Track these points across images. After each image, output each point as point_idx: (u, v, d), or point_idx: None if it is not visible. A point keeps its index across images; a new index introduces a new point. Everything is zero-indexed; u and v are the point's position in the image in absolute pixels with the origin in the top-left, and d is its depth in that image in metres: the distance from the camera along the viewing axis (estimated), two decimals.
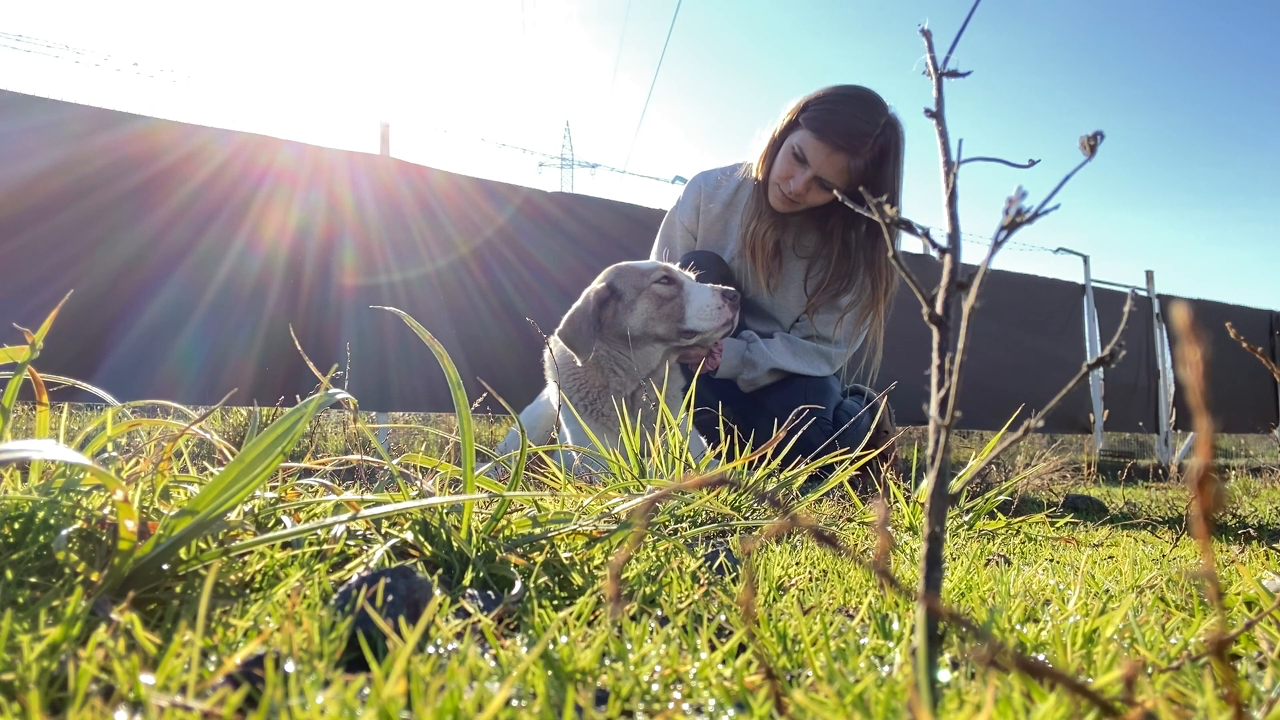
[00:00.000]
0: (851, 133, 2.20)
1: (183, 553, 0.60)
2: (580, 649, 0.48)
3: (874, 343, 2.59)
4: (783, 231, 2.50)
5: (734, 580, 0.77)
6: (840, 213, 2.41)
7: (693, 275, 2.16)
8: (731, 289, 2.08)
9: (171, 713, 0.38)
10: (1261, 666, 0.56)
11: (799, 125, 2.29)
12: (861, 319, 2.51)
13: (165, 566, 0.58)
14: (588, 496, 0.97)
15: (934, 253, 0.43)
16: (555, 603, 0.64)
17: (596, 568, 0.76)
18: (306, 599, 0.57)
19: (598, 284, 2.13)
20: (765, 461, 1.32)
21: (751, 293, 2.57)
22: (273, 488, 0.82)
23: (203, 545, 0.63)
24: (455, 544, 0.71)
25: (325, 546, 0.70)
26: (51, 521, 0.61)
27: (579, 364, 2.07)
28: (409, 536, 0.73)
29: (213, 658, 0.47)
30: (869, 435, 2.09)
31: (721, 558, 0.81)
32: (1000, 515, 1.38)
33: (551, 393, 2.25)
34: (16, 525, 0.61)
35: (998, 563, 0.99)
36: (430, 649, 0.50)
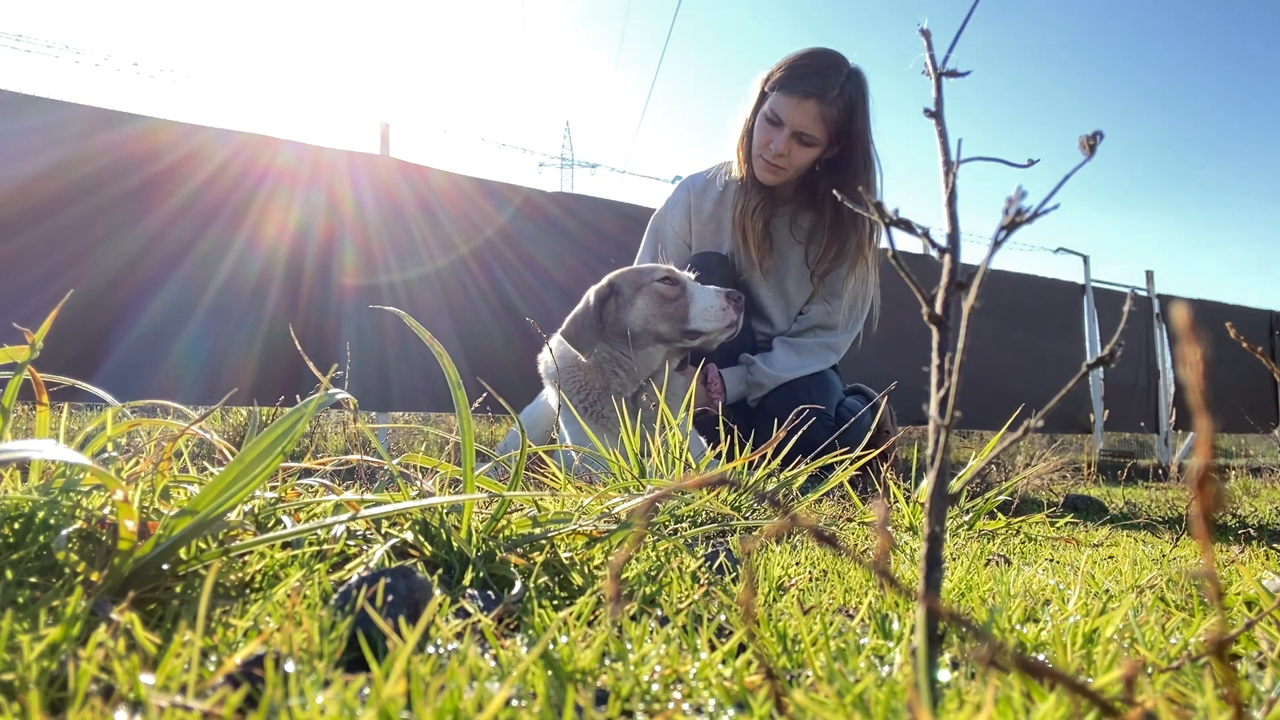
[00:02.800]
0: (816, 78, 2.27)
1: (183, 553, 0.60)
2: (580, 649, 0.48)
3: (870, 300, 2.59)
4: (773, 211, 2.51)
5: (734, 580, 0.77)
6: (827, 178, 2.41)
7: (691, 276, 2.16)
8: (736, 291, 2.09)
9: (171, 713, 0.38)
10: (1261, 666, 0.56)
11: (767, 95, 2.35)
12: (852, 272, 2.50)
13: (165, 566, 0.58)
14: (588, 496, 0.97)
15: (934, 253, 0.43)
16: (555, 603, 0.64)
17: (596, 568, 0.76)
18: (306, 599, 0.57)
19: (600, 283, 2.14)
20: (765, 461, 1.32)
21: (745, 274, 2.57)
22: (273, 488, 0.82)
23: (203, 545, 0.63)
24: (455, 544, 0.71)
25: (325, 546, 0.70)
26: (51, 521, 0.61)
27: (583, 361, 2.07)
28: (409, 536, 0.73)
29: (213, 658, 0.47)
30: (870, 435, 2.09)
31: (721, 558, 0.81)
32: (1000, 515, 1.38)
33: (550, 393, 2.25)
34: (16, 525, 0.61)
35: (998, 563, 0.99)
36: (430, 649, 0.50)
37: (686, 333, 2.07)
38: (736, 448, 1.40)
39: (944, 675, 0.47)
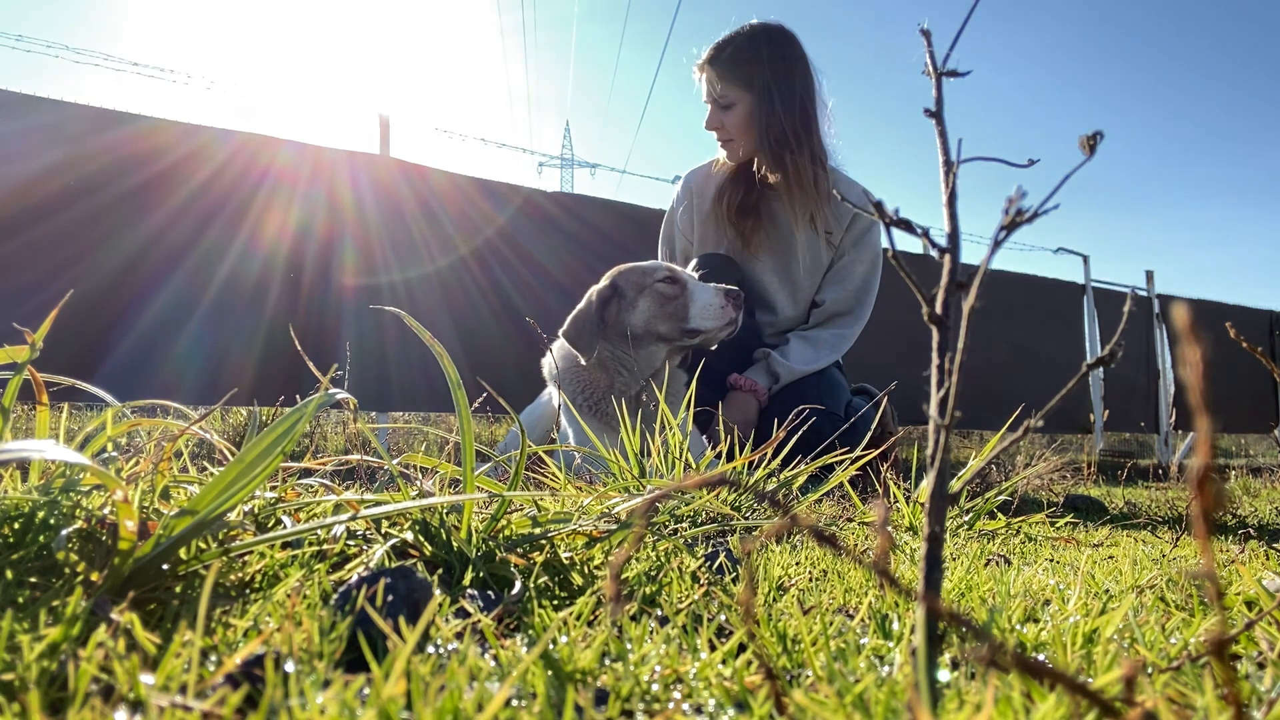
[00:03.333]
0: (708, 50, 2.45)
1: (183, 553, 0.60)
2: (580, 649, 0.48)
3: (879, 271, 2.62)
4: (761, 192, 2.53)
5: (734, 580, 0.76)
6: (783, 149, 2.45)
7: (695, 275, 2.17)
8: (735, 289, 2.09)
9: (171, 713, 0.38)
10: (1261, 666, 0.56)
11: None
12: (862, 241, 2.54)
13: (165, 566, 0.58)
14: (588, 496, 0.97)
15: (934, 253, 0.43)
16: (555, 603, 0.64)
17: (596, 568, 0.76)
18: (306, 599, 0.57)
19: (601, 283, 2.13)
20: (765, 461, 1.32)
21: (744, 262, 2.58)
22: (273, 488, 0.82)
23: (203, 545, 0.63)
24: (455, 544, 0.71)
25: (325, 546, 0.70)
26: (51, 521, 0.61)
27: (584, 363, 2.07)
28: (409, 536, 0.73)
29: (213, 658, 0.47)
30: (871, 434, 2.09)
31: (721, 558, 0.81)
32: (1000, 515, 1.38)
33: (552, 392, 2.25)
34: (16, 525, 0.61)
35: (998, 563, 0.99)
36: (430, 649, 0.50)
37: (686, 332, 2.07)
38: (737, 448, 1.40)
39: (944, 675, 0.47)
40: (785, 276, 2.58)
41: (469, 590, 0.62)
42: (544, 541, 0.77)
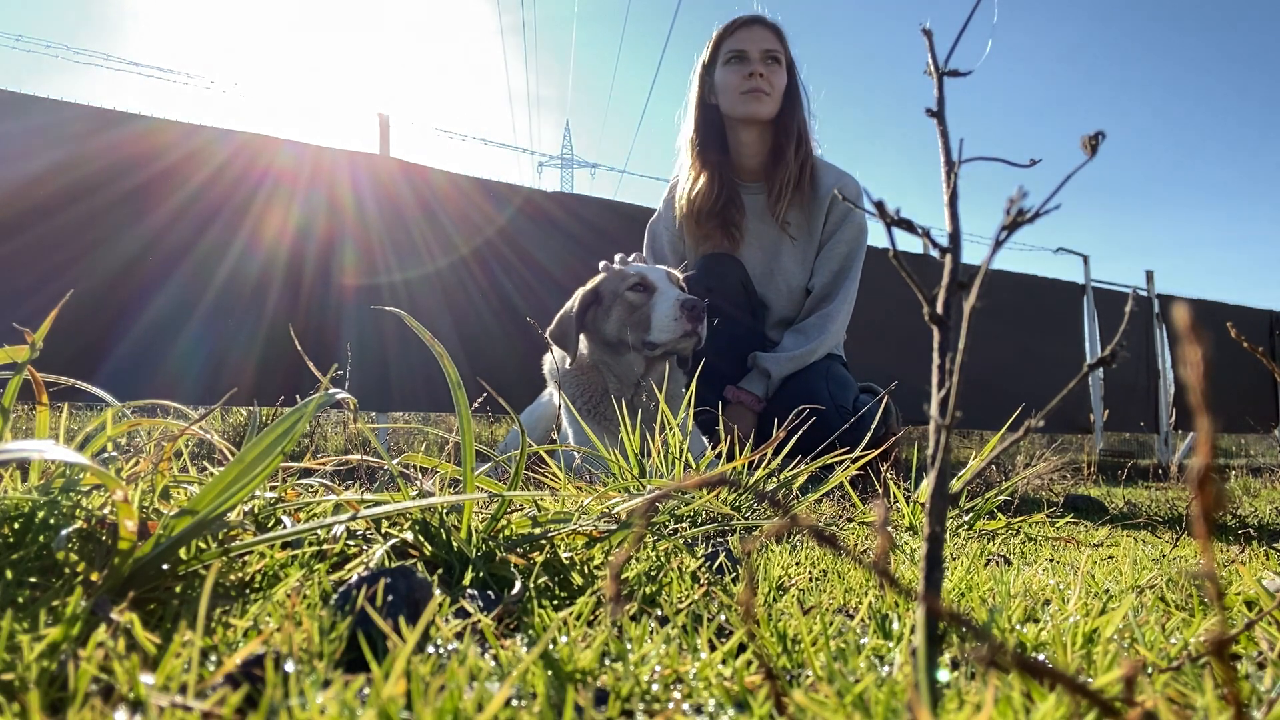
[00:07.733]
0: (747, 14, 2.57)
1: (183, 553, 0.60)
2: (580, 649, 0.48)
3: (862, 250, 2.65)
4: (720, 190, 2.57)
5: (734, 580, 0.76)
6: (786, 110, 2.55)
7: (679, 277, 2.14)
8: (694, 299, 1.98)
9: (171, 712, 0.38)
10: (1261, 666, 0.56)
11: (719, 55, 2.56)
12: (841, 229, 2.56)
13: (165, 566, 0.58)
14: (588, 496, 0.97)
15: (934, 253, 0.43)
16: (555, 603, 0.64)
17: (596, 568, 0.76)
18: (306, 599, 0.57)
19: (589, 284, 2.12)
20: (766, 461, 1.32)
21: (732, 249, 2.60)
22: (273, 488, 0.82)
23: (203, 545, 0.63)
24: (455, 544, 0.71)
25: (325, 546, 0.70)
26: (51, 521, 0.61)
27: (568, 365, 2.07)
28: (409, 536, 0.73)
29: (213, 658, 0.47)
30: (877, 433, 2.08)
31: (721, 558, 0.81)
32: (1000, 515, 1.38)
33: (552, 392, 2.25)
34: (16, 525, 0.61)
35: (998, 563, 0.99)
36: (430, 649, 0.50)
37: (646, 343, 2.00)
38: (737, 447, 1.40)
39: (944, 675, 0.47)
40: (773, 270, 2.59)
41: (469, 590, 0.62)
42: (544, 541, 0.77)
